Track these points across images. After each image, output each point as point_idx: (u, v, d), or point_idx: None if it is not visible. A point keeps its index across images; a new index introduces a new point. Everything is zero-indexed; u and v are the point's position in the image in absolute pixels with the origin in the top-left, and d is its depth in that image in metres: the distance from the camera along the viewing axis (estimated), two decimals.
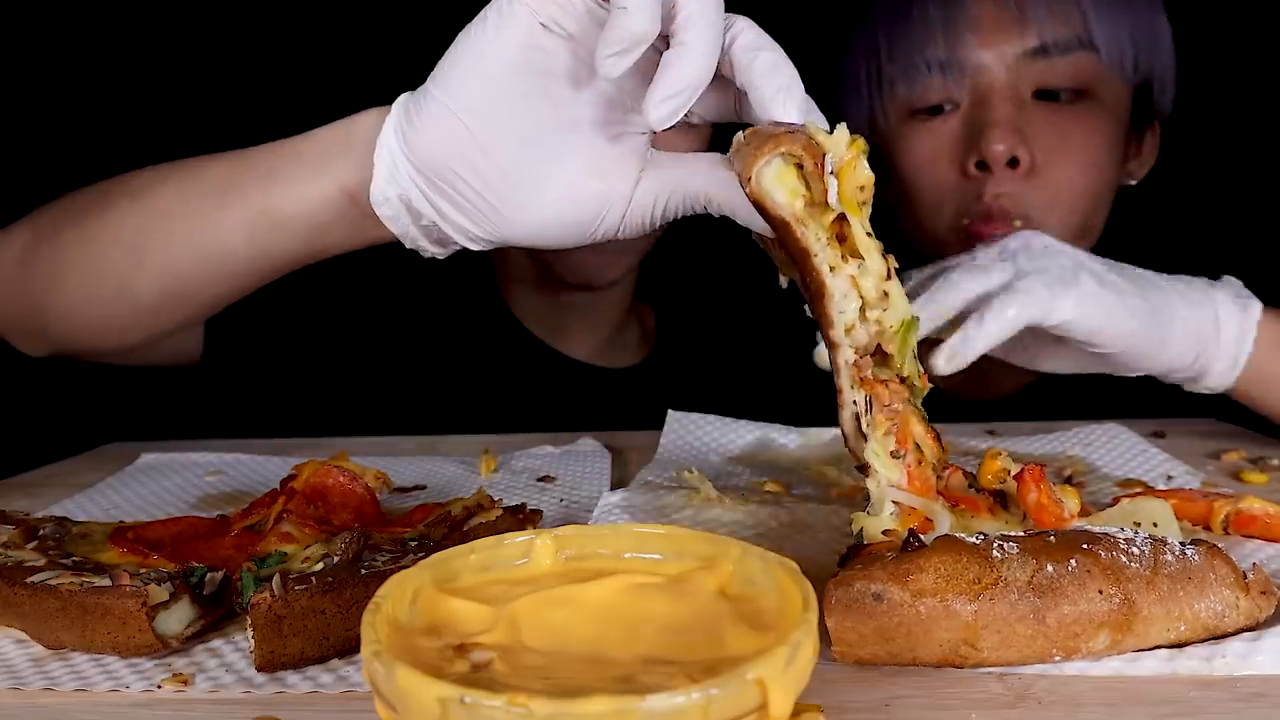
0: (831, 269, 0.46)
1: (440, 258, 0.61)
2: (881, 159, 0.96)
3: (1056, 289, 0.64)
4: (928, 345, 0.64)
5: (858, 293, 0.47)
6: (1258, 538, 0.54)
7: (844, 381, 0.47)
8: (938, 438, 0.49)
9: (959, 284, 0.65)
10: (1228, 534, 0.55)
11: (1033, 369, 0.75)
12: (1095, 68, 0.87)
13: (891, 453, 0.47)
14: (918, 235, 0.96)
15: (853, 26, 0.97)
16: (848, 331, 0.47)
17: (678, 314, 1.17)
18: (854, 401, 0.48)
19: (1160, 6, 0.91)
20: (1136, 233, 0.93)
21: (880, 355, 0.48)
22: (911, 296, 0.59)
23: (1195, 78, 0.95)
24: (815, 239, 0.46)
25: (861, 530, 0.47)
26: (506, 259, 1.09)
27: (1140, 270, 0.69)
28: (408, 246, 0.60)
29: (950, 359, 0.63)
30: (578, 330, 1.08)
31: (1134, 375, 0.71)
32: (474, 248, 0.58)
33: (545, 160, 0.53)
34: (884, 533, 0.46)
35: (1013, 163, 0.85)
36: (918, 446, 0.48)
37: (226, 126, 0.94)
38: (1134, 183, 0.97)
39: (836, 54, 0.99)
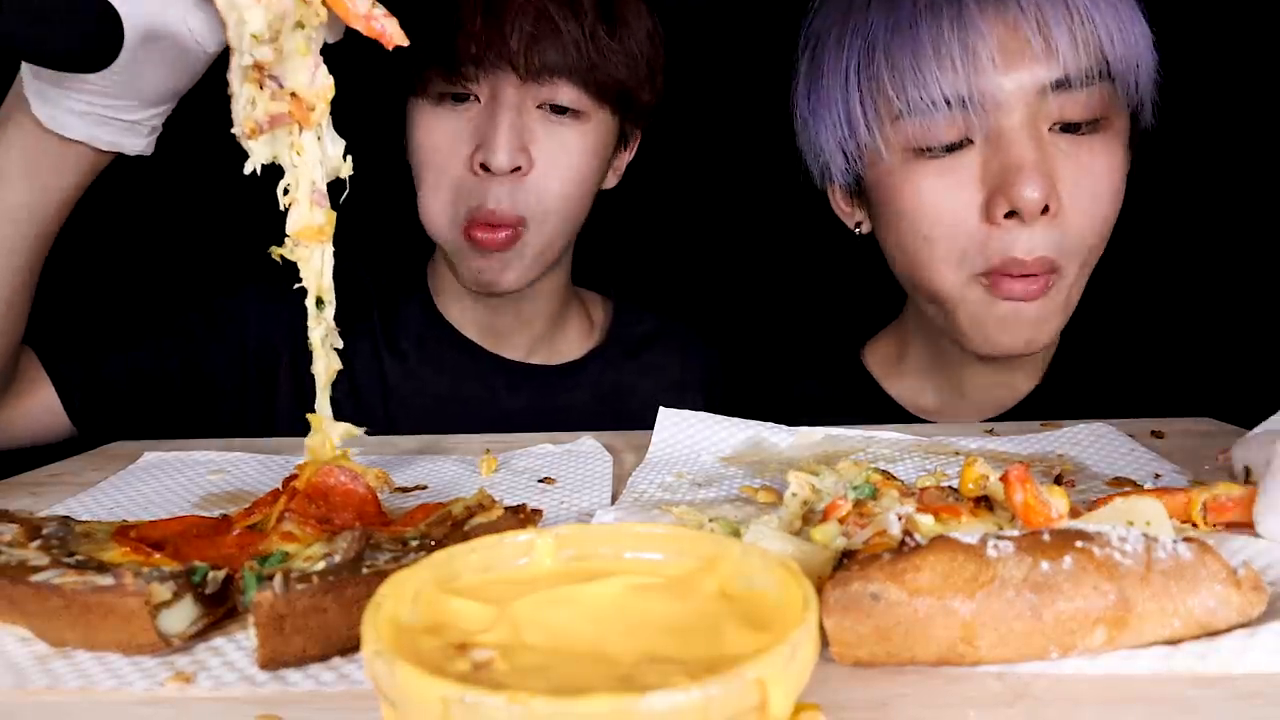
0: None
1: (146, 153, 0.71)
2: (872, 197, 0.89)
3: None
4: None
5: None
6: (1236, 523, 0.54)
7: None
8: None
9: None
10: (1207, 522, 0.55)
11: None
12: (1111, 97, 0.81)
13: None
14: (922, 284, 0.87)
15: (825, 43, 0.87)
16: None
17: (635, 300, 1.20)
18: None
19: (1140, 13, 0.82)
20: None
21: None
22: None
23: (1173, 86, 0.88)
24: None
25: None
26: (436, 270, 1.11)
27: None
28: (104, 149, 0.69)
29: None
30: (509, 331, 1.10)
31: None
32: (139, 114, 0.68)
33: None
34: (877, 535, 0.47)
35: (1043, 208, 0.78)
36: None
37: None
38: None
39: (810, 74, 0.89)
